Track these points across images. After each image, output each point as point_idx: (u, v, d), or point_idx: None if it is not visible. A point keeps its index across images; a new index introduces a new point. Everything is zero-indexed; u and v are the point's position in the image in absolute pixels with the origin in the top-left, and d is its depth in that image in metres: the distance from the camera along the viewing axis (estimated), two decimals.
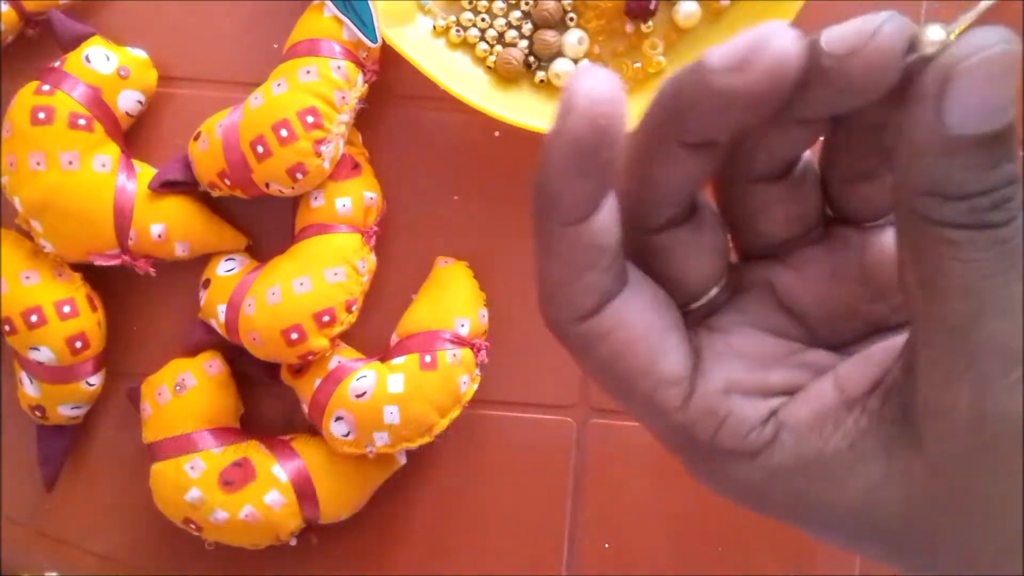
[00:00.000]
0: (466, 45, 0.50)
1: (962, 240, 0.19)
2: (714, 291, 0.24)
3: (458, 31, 0.50)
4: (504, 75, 0.50)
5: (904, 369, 0.21)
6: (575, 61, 0.50)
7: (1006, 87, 0.19)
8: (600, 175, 0.21)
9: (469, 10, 0.49)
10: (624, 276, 0.22)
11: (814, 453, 0.21)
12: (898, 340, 0.22)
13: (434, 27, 0.50)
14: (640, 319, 0.22)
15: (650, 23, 0.49)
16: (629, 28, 0.50)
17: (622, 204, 0.22)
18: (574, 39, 0.49)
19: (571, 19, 0.49)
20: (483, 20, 0.49)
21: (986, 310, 0.19)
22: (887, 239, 0.24)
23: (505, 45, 0.50)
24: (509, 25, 0.50)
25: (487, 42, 0.50)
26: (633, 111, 0.20)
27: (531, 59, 0.50)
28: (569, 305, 0.22)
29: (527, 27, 0.50)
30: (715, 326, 0.24)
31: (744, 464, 0.22)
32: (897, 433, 0.21)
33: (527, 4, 0.49)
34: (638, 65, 0.50)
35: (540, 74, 0.50)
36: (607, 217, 0.21)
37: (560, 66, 0.49)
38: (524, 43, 0.50)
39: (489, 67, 0.50)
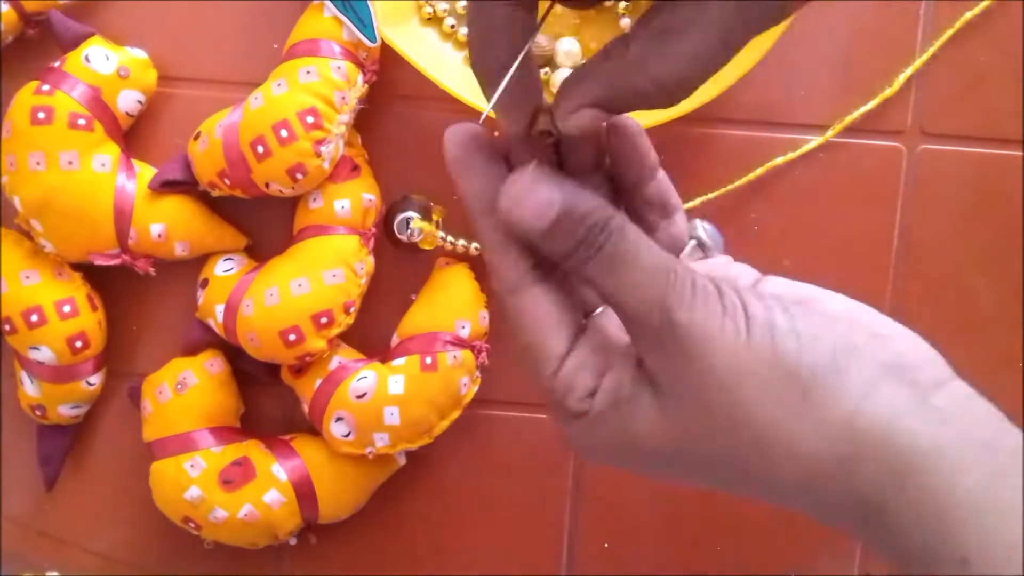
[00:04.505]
0: (462, 43, 0.50)
1: (584, 269, 0.28)
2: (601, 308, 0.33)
3: (453, 25, 0.49)
4: None
5: None
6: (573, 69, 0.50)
7: (538, 195, 0.28)
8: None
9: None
10: (542, 277, 0.30)
11: (613, 405, 0.29)
12: None
13: (421, 13, 0.49)
14: (547, 306, 0.30)
15: (627, 21, 0.49)
16: (624, 23, 0.50)
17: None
18: (565, 48, 0.49)
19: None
20: None
21: (626, 298, 0.28)
22: None
23: None
24: None
25: None
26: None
27: None
28: (500, 280, 0.30)
29: None
30: (598, 323, 0.32)
31: (579, 421, 0.30)
32: (656, 382, 0.29)
33: None
34: None
35: None
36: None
37: (563, 76, 0.49)
38: None
39: None
